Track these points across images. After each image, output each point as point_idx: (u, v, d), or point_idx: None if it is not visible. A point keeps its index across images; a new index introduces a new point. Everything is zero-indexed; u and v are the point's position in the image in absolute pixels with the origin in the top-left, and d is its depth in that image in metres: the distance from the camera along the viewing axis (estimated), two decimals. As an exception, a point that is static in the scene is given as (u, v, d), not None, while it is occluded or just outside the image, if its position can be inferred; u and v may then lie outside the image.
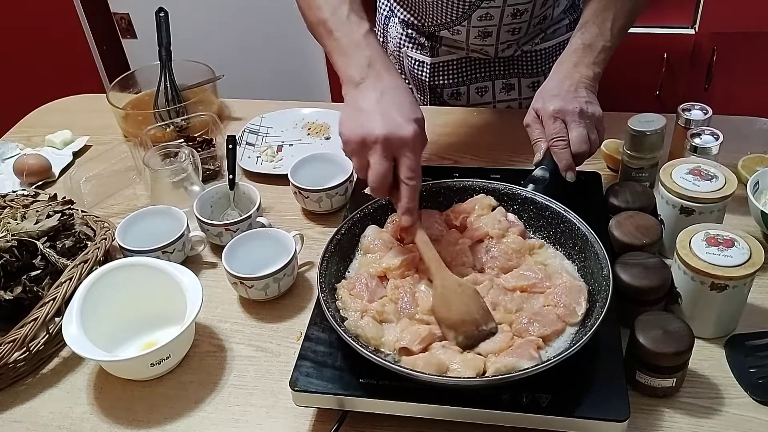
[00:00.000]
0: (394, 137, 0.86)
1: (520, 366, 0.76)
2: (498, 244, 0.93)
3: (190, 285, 0.91)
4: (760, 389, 0.83)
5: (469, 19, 1.23)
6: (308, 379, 0.80)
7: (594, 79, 1.03)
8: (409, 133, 0.86)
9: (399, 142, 0.86)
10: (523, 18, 1.24)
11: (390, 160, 0.87)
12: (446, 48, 1.34)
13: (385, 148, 0.86)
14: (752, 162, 1.13)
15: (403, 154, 0.87)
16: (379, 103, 0.89)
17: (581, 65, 1.04)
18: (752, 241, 0.85)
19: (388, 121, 0.87)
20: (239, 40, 2.36)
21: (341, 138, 0.91)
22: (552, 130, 0.99)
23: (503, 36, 1.27)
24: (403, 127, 0.87)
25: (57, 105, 1.56)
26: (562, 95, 1.00)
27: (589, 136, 0.99)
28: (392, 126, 0.86)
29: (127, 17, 2.40)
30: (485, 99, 1.39)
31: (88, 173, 1.23)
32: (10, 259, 0.95)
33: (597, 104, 1.01)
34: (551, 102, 1.00)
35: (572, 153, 0.98)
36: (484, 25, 1.24)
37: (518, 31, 1.27)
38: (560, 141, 0.98)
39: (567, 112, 0.99)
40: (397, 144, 0.86)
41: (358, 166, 0.90)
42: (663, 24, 1.99)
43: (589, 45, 1.05)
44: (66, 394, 0.90)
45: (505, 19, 1.23)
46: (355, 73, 0.92)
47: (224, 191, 1.13)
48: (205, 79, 1.42)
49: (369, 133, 0.86)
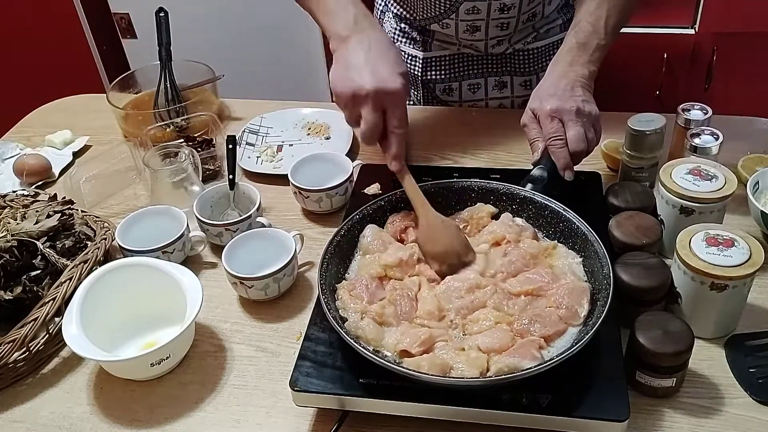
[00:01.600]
0: (383, 91, 0.93)
1: (522, 366, 0.76)
2: (516, 249, 0.92)
3: (190, 285, 0.91)
4: (760, 389, 0.83)
5: (457, 13, 1.24)
6: (308, 379, 0.80)
7: (590, 78, 1.04)
8: (397, 86, 0.94)
9: (388, 95, 0.93)
10: (511, 13, 1.24)
11: (380, 111, 0.95)
12: (438, 43, 1.35)
13: (375, 101, 0.94)
14: (752, 162, 1.13)
15: (392, 105, 0.94)
16: (367, 59, 0.95)
17: (576, 64, 1.04)
18: (752, 241, 0.85)
19: (377, 76, 0.94)
20: (239, 40, 2.36)
21: (333, 93, 0.98)
22: (549, 129, 1.00)
23: (492, 31, 1.28)
24: (392, 80, 0.94)
25: (57, 105, 1.56)
26: (559, 94, 1.01)
27: (587, 135, 0.99)
28: (381, 80, 0.94)
29: (127, 17, 2.40)
30: (477, 96, 1.40)
31: (88, 173, 1.23)
32: (10, 259, 0.95)
33: (593, 103, 1.02)
34: (548, 101, 1.01)
35: (570, 152, 0.98)
36: (472, 19, 1.25)
37: (507, 27, 1.27)
38: (558, 140, 0.99)
39: (564, 111, 0.99)
40: (387, 97, 0.94)
41: (350, 119, 0.99)
42: (663, 24, 1.99)
43: (584, 44, 1.05)
44: (66, 394, 0.90)
45: (493, 13, 1.24)
46: (342, 29, 0.99)
47: (224, 191, 1.13)
48: (205, 79, 1.42)
49: (360, 87, 0.94)
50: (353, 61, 0.96)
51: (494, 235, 0.95)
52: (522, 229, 0.96)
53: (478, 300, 0.87)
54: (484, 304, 0.86)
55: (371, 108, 0.94)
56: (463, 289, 0.88)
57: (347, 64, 0.96)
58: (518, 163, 1.20)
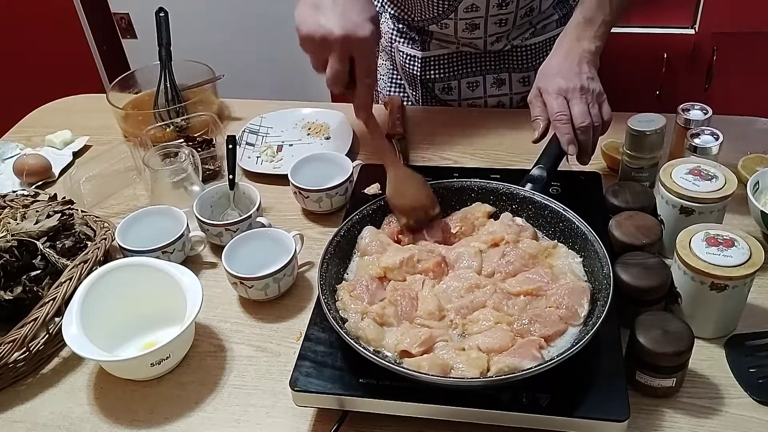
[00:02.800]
0: (352, 38, 0.88)
1: (522, 366, 0.76)
2: (514, 249, 0.92)
3: (190, 285, 0.91)
4: (760, 389, 0.83)
5: (456, 12, 1.24)
6: (308, 379, 0.80)
7: (595, 53, 1.07)
8: (367, 33, 0.88)
9: (357, 42, 0.88)
10: (509, 8, 1.25)
11: (347, 59, 0.89)
12: (437, 42, 1.35)
13: (343, 48, 0.88)
14: (752, 162, 1.13)
15: (360, 54, 0.89)
16: (336, 1, 0.89)
17: (583, 39, 1.07)
18: (752, 241, 0.85)
19: (345, 21, 0.88)
20: (239, 40, 2.36)
21: (298, 34, 0.91)
22: (554, 108, 1.02)
23: (491, 28, 1.28)
24: (362, 27, 0.88)
25: (57, 105, 1.56)
26: (564, 72, 1.04)
27: (590, 111, 1.01)
28: (350, 26, 0.88)
29: (127, 17, 2.40)
30: (476, 94, 1.40)
31: (88, 173, 1.24)
32: (10, 259, 0.95)
33: (598, 80, 1.05)
34: (553, 80, 1.04)
35: (575, 128, 1.01)
36: (471, 17, 1.25)
37: (505, 23, 1.28)
38: (562, 116, 1.01)
39: (569, 89, 1.02)
40: (356, 44, 0.88)
41: (315, 64, 0.92)
42: (663, 24, 1.99)
43: (590, 19, 1.07)
44: (66, 394, 0.90)
45: (492, 9, 1.24)
46: None
47: (224, 191, 1.13)
48: (205, 79, 1.42)
49: (329, 32, 0.88)
50: (321, 2, 0.89)
51: (493, 236, 0.95)
52: (522, 229, 0.95)
53: (478, 300, 0.86)
54: (483, 303, 0.86)
55: (338, 56, 0.88)
56: (462, 288, 0.88)
57: (315, 5, 0.90)
58: (518, 163, 1.20)
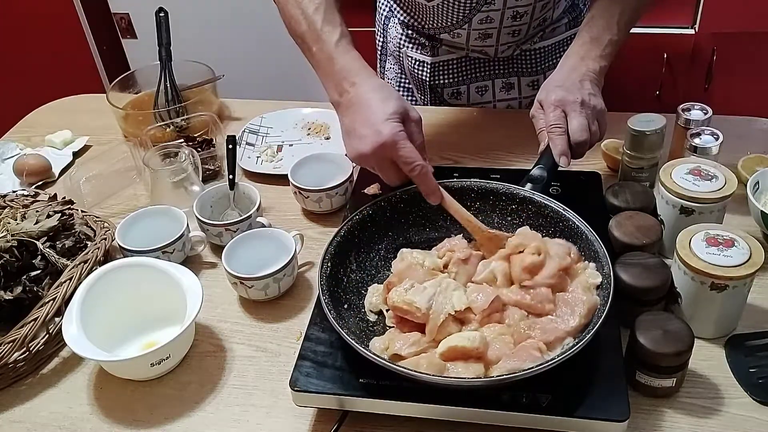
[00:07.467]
0: (377, 148, 0.92)
1: (522, 366, 0.76)
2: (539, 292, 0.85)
3: (190, 285, 0.91)
4: (760, 389, 0.83)
5: (469, 23, 1.24)
6: (308, 379, 0.80)
7: (600, 73, 1.06)
8: (385, 138, 0.92)
9: (383, 149, 0.92)
10: (523, 20, 1.24)
11: (389, 163, 0.94)
12: (446, 48, 1.35)
13: (377, 158, 0.94)
14: (752, 162, 1.13)
15: (395, 154, 0.93)
16: (354, 122, 0.96)
17: (588, 58, 1.06)
18: (752, 241, 0.85)
19: (370, 132, 0.93)
20: (239, 40, 2.36)
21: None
22: (551, 118, 1.01)
23: (504, 38, 1.28)
24: (378, 135, 0.92)
25: (57, 105, 1.56)
26: (566, 86, 1.03)
27: (590, 127, 1.00)
28: (374, 137, 0.92)
29: (127, 17, 2.40)
30: (485, 98, 1.40)
31: (88, 173, 1.23)
32: (10, 259, 0.95)
33: (600, 98, 1.04)
34: (554, 92, 1.03)
35: (571, 141, 1.00)
36: (484, 28, 1.25)
37: (518, 33, 1.27)
38: (557, 128, 1.01)
39: (568, 102, 1.01)
40: (384, 152, 0.93)
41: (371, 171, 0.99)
42: (663, 24, 1.99)
43: (597, 38, 1.07)
44: (66, 394, 0.90)
45: (506, 21, 1.24)
46: (334, 94, 1.01)
47: (224, 191, 1.13)
48: (205, 79, 1.42)
49: (362, 154, 0.95)
50: (347, 127, 0.98)
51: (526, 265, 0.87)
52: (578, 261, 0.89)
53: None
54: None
55: (378, 166, 0.96)
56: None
57: (345, 131, 0.99)
58: (518, 163, 1.20)
